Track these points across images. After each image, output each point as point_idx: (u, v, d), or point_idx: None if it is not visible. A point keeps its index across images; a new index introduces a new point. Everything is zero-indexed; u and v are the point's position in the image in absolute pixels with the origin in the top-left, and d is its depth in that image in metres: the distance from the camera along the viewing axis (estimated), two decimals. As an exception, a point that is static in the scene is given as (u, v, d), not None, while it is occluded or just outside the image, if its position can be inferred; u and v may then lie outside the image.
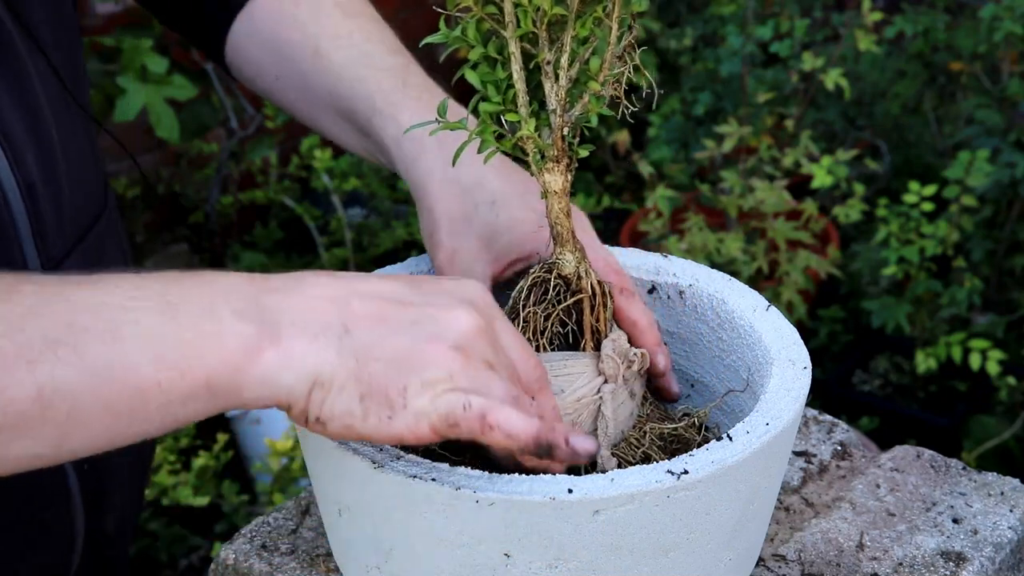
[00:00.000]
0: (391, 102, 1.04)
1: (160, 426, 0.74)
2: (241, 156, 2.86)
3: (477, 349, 0.78)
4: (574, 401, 0.88)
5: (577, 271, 0.88)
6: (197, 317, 0.74)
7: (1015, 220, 2.79)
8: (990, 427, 2.63)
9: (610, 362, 0.89)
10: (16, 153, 0.96)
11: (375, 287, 0.79)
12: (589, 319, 0.89)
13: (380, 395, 0.76)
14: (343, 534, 0.90)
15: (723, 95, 2.93)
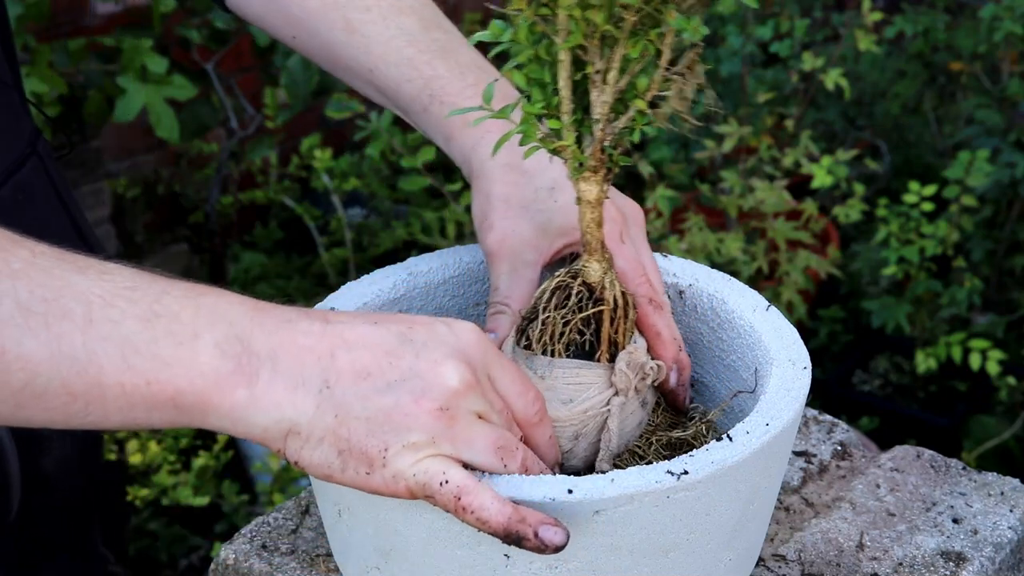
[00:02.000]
0: (450, 91, 1.02)
1: (121, 423, 0.74)
2: (241, 156, 2.86)
3: (465, 405, 0.78)
4: (580, 412, 0.88)
5: (602, 281, 0.88)
6: (178, 337, 0.73)
7: (1015, 220, 2.79)
8: (990, 427, 2.63)
9: (623, 376, 0.88)
10: None
11: (364, 337, 0.77)
12: (608, 331, 0.88)
13: (359, 452, 0.76)
14: (343, 534, 0.90)
15: (723, 95, 2.93)
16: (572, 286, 0.88)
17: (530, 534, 0.77)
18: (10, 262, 0.71)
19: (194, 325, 0.74)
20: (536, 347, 0.88)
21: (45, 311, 0.70)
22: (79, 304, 0.71)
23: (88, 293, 0.72)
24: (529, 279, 0.96)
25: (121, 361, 0.72)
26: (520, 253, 0.96)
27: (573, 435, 0.88)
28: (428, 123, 1.04)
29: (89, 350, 0.71)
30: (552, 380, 0.87)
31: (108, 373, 0.72)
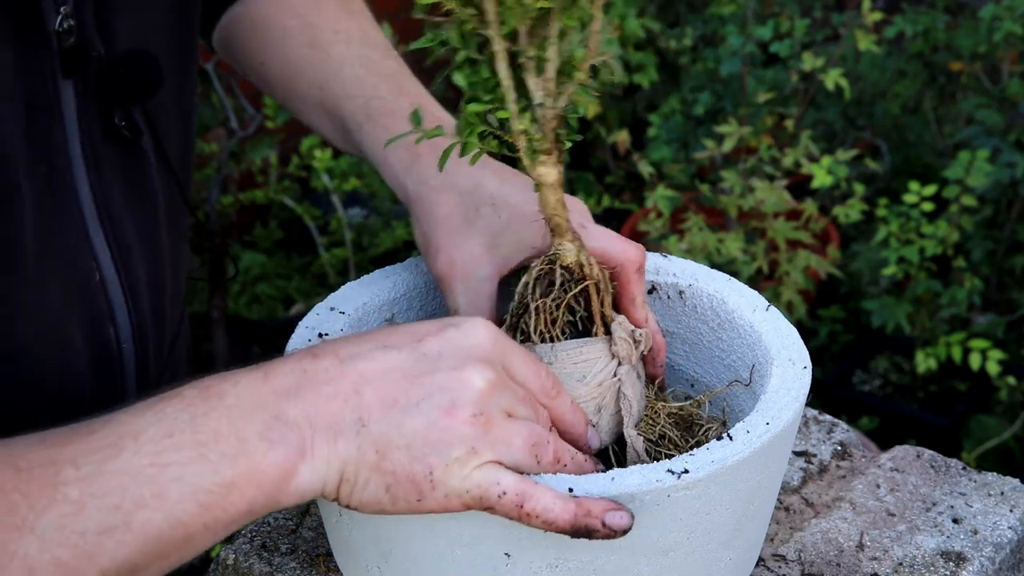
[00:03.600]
0: (387, 111, 1.03)
1: (203, 550, 0.77)
2: (241, 156, 2.86)
3: (494, 404, 0.78)
4: (596, 386, 0.89)
5: (579, 259, 0.89)
6: (231, 455, 0.74)
7: (1015, 220, 2.79)
8: (990, 427, 2.63)
9: (624, 344, 0.90)
10: (135, 298, 0.96)
11: (381, 364, 0.78)
12: (597, 305, 0.89)
13: (406, 482, 0.76)
14: (343, 534, 0.90)
15: (723, 95, 2.93)
16: (553, 271, 0.89)
17: (598, 525, 0.77)
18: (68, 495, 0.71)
19: (235, 431, 0.74)
20: (535, 337, 0.89)
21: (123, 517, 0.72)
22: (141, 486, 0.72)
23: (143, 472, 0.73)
24: (487, 295, 0.95)
25: (200, 509, 0.73)
26: (472, 271, 0.96)
27: (596, 408, 0.89)
28: (363, 143, 1.05)
29: (172, 519, 0.73)
30: (560, 364, 0.88)
31: (193, 526, 0.73)
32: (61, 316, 0.89)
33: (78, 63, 0.88)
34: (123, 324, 0.95)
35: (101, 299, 0.93)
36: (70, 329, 0.91)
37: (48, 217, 0.87)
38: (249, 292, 3.03)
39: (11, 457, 0.72)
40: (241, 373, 0.77)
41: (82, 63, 0.89)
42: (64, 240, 0.89)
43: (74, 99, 0.89)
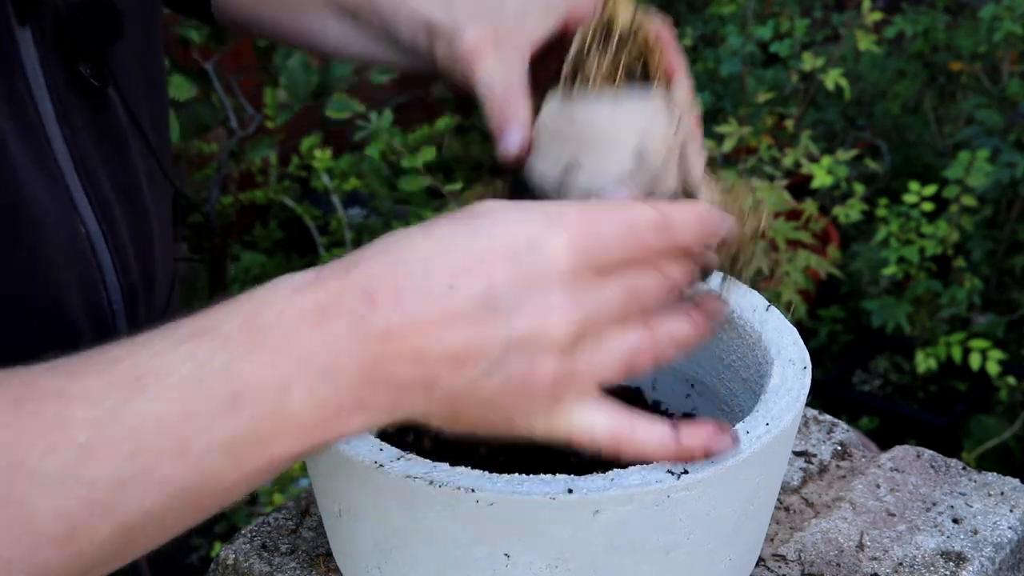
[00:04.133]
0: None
1: (246, 494, 0.70)
2: (241, 156, 2.86)
3: (581, 349, 0.71)
4: (664, 127, 0.84)
5: (635, 16, 0.85)
6: (269, 409, 0.66)
7: (1015, 220, 2.79)
8: (990, 427, 2.63)
9: (684, 97, 0.86)
10: (123, 258, 0.93)
11: (447, 314, 0.68)
12: (656, 61, 0.85)
13: (487, 430, 0.72)
14: (343, 534, 0.90)
15: (723, 95, 2.93)
16: (611, 27, 0.85)
17: (700, 455, 0.78)
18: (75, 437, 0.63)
19: (279, 382, 0.66)
20: (596, 88, 0.84)
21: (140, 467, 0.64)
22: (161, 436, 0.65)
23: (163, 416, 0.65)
24: (522, 69, 0.88)
25: (231, 462, 0.66)
26: (503, 41, 0.89)
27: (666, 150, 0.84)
28: (376, 12, 0.99)
29: (200, 472, 0.65)
30: (628, 104, 0.83)
31: (226, 478, 0.66)
32: (61, 282, 0.87)
33: (31, 9, 0.86)
34: (112, 286, 0.92)
35: (91, 258, 0.90)
36: (71, 296, 0.88)
37: (30, 172, 0.85)
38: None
39: (12, 387, 0.65)
40: (288, 303, 0.69)
41: (36, 9, 0.86)
42: (50, 195, 0.86)
43: (34, 48, 0.87)
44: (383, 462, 0.82)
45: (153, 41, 1.03)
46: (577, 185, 0.83)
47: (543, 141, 0.86)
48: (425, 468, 0.82)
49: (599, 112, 0.84)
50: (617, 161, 0.83)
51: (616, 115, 0.84)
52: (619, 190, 0.81)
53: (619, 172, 0.83)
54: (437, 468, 0.82)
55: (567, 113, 0.85)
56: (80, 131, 0.91)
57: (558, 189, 0.84)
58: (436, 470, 0.81)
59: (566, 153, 0.85)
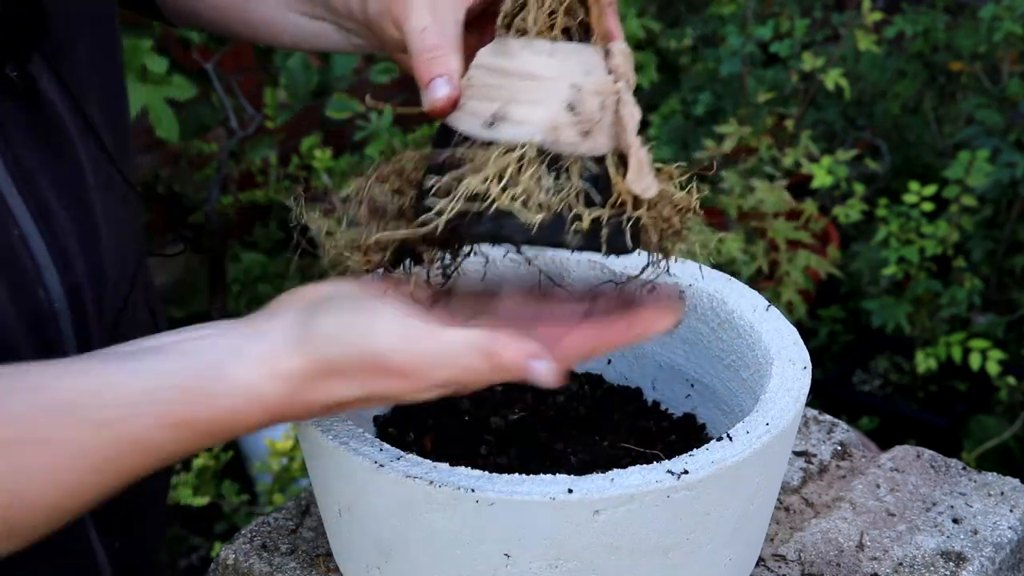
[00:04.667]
0: None
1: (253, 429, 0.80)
2: (241, 156, 2.86)
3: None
4: (598, 81, 0.83)
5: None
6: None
7: (1015, 220, 2.79)
8: (990, 427, 2.63)
9: (622, 58, 0.84)
10: (64, 256, 0.93)
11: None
12: (596, 14, 0.84)
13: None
14: (343, 534, 0.90)
15: (723, 95, 2.93)
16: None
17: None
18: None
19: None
20: (532, 33, 0.83)
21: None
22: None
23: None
24: (456, 18, 0.88)
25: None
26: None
27: (600, 104, 0.82)
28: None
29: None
30: (563, 54, 0.82)
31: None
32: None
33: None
34: (53, 284, 0.92)
35: (24, 257, 0.90)
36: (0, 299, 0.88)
37: None
38: (249, 292, 3.03)
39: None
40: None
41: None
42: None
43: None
44: (383, 462, 0.82)
45: (105, 30, 1.02)
46: (503, 134, 0.81)
47: (473, 87, 0.84)
48: (425, 468, 0.82)
49: (532, 60, 0.82)
50: (547, 109, 0.81)
51: (550, 62, 0.82)
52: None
53: (546, 120, 0.80)
54: (437, 468, 0.82)
55: (501, 59, 0.83)
56: (13, 132, 0.90)
57: (483, 139, 0.82)
58: (436, 470, 0.81)
59: (497, 100, 0.82)
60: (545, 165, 0.80)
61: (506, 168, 0.79)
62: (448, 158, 0.82)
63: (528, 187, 0.79)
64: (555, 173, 0.80)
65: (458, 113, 0.84)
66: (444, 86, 0.85)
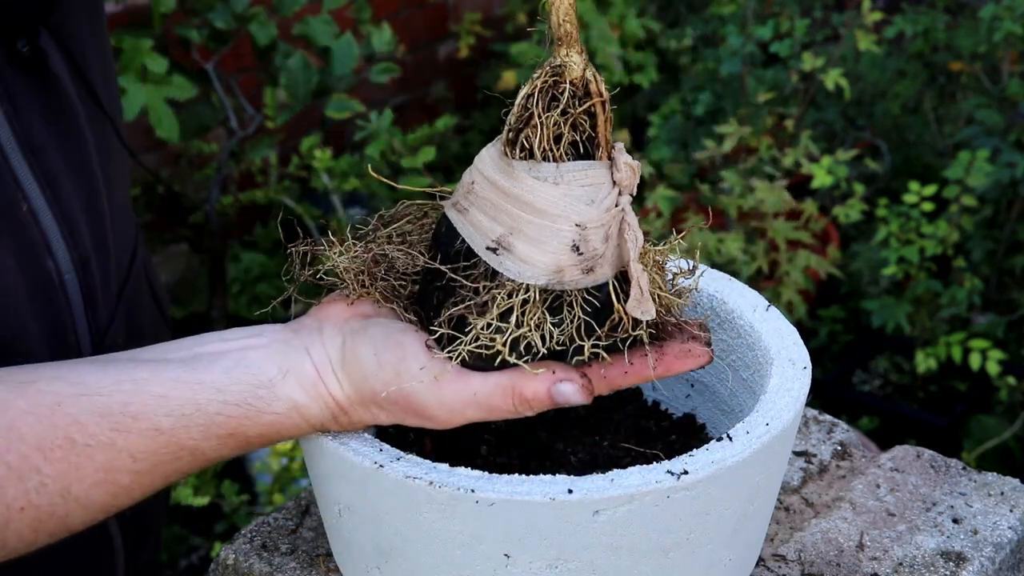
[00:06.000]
0: None
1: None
2: (241, 156, 2.86)
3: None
4: (604, 211, 0.83)
5: (585, 74, 0.82)
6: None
7: (1015, 220, 2.78)
8: (990, 427, 2.63)
9: (627, 171, 0.84)
10: (72, 228, 0.96)
11: None
12: (603, 127, 0.83)
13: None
14: (343, 534, 0.90)
15: (723, 95, 2.93)
16: (559, 84, 0.82)
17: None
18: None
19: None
20: (537, 154, 0.82)
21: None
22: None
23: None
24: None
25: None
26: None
27: (604, 237, 0.83)
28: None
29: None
30: (567, 185, 0.82)
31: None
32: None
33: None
34: (61, 255, 0.95)
35: (33, 229, 0.93)
36: (3, 262, 0.90)
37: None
38: (249, 292, 3.03)
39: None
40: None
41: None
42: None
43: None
44: (383, 462, 0.82)
45: (96, 12, 1.04)
46: (507, 270, 0.82)
47: (477, 196, 0.84)
48: (425, 469, 0.82)
49: (537, 188, 0.82)
50: (552, 252, 0.82)
51: (555, 193, 0.82)
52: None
53: (551, 265, 0.82)
54: (437, 469, 0.82)
55: (504, 179, 0.83)
56: (24, 108, 0.92)
57: (484, 263, 0.83)
58: (436, 471, 0.81)
59: (500, 223, 0.83)
60: (546, 306, 0.82)
61: (509, 313, 0.82)
62: (452, 277, 0.84)
63: (530, 334, 0.82)
64: (556, 311, 0.83)
65: (460, 216, 0.86)
66: None
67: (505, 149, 0.84)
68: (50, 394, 0.79)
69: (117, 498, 0.82)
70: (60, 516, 0.80)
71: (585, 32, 2.85)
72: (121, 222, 1.05)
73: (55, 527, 0.81)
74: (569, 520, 0.79)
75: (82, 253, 0.97)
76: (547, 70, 0.83)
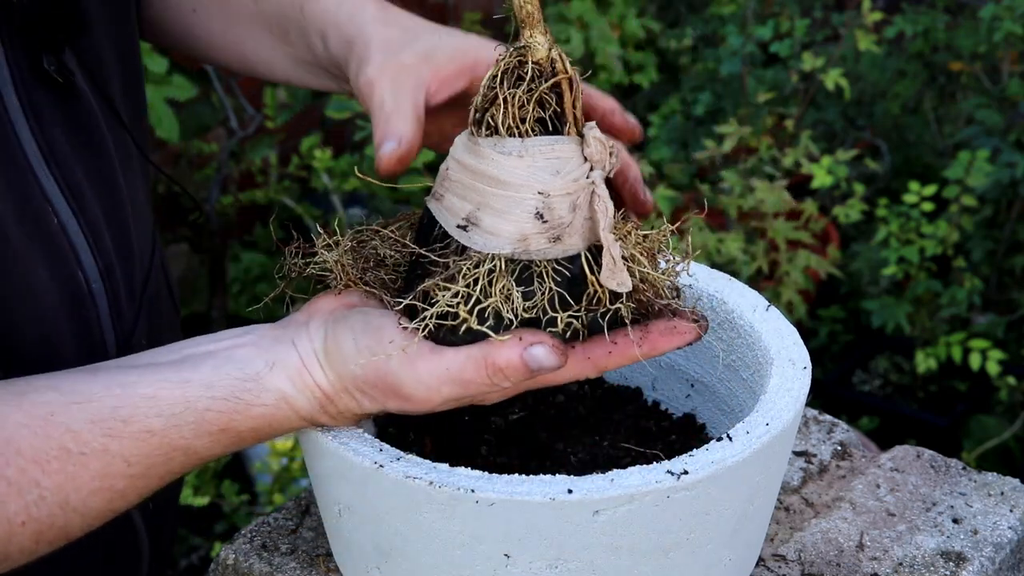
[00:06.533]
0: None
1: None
2: (241, 156, 2.86)
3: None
4: (571, 182, 0.84)
5: (550, 54, 0.83)
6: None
7: (1015, 220, 2.78)
8: (990, 427, 2.63)
9: (597, 145, 0.84)
10: (97, 238, 0.97)
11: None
12: (570, 102, 0.84)
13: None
14: (343, 534, 0.90)
15: (723, 95, 2.93)
16: (523, 65, 0.83)
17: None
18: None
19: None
20: (502, 131, 0.83)
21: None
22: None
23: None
24: (414, 99, 0.94)
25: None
26: (399, 76, 0.95)
27: (570, 207, 0.83)
28: (307, 21, 1.04)
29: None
30: (531, 157, 0.83)
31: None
32: (26, 262, 0.90)
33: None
34: (89, 265, 0.96)
35: (62, 240, 0.94)
36: (38, 274, 0.91)
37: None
38: (249, 292, 3.03)
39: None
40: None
41: (2, 11, 0.89)
42: (14, 187, 0.89)
43: (0, 48, 0.89)
44: (383, 462, 0.82)
45: (124, 25, 1.05)
46: (475, 243, 0.83)
47: (451, 181, 0.86)
48: (425, 468, 0.82)
49: (502, 162, 0.83)
50: (515, 221, 0.82)
51: (519, 165, 0.83)
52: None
53: (515, 233, 0.82)
54: (437, 468, 0.82)
55: (472, 158, 0.84)
56: (49, 123, 0.93)
57: (455, 241, 0.84)
58: (436, 471, 0.81)
59: (469, 201, 0.84)
60: (514, 276, 0.82)
61: (476, 282, 0.82)
62: (427, 256, 0.86)
63: (496, 303, 0.82)
64: (526, 281, 0.82)
65: (438, 204, 0.87)
66: (390, 144, 0.91)
67: (472, 129, 0.85)
68: (43, 404, 0.80)
69: (113, 503, 0.82)
70: (60, 526, 0.80)
71: (585, 32, 2.85)
72: (141, 225, 1.06)
73: (55, 537, 0.81)
74: (569, 520, 0.79)
75: (107, 261, 0.98)
76: (511, 52, 0.84)
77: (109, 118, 1.00)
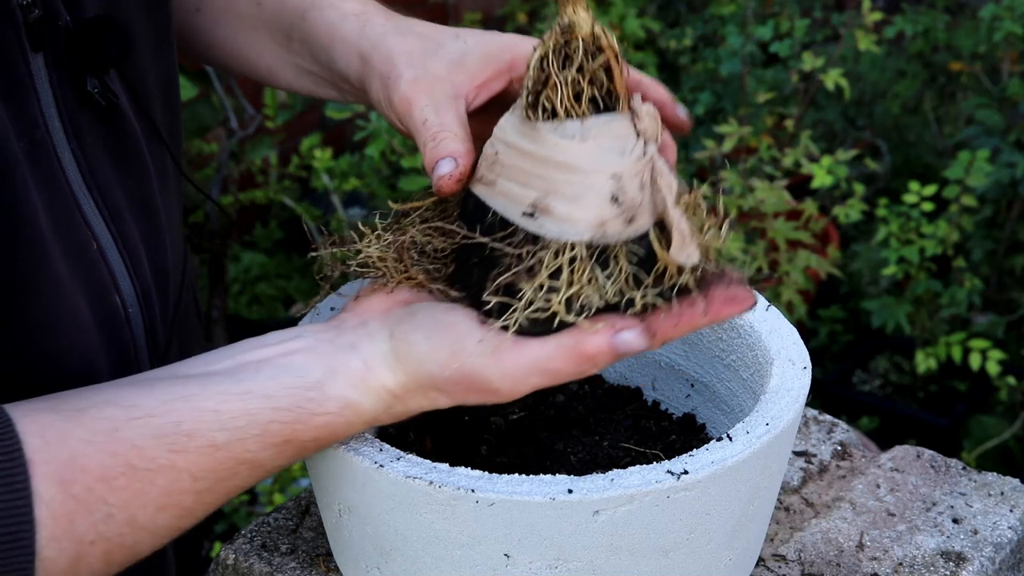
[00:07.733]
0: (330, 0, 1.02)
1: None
2: (241, 156, 2.86)
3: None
4: (636, 161, 0.82)
5: (593, 29, 0.82)
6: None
7: (1015, 220, 2.79)
8: (990, 427, 2.63)
9: (649, 119, 0.84)
10: (135, 262, 0.95)
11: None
12: (621, 77, 0.83)
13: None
14: (343, 534, 0.90)
15: (723, 95, 2.93)
16: (570, 43, 0.82)
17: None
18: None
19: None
20: (560, 112, 0.82)
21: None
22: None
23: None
24: (456, 111, 0.92)
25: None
26: (435, 89, 0.93)
27: (640, 186, 0.83)
28: (309, 31, 1.03)
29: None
30: (595, 139, 0.82)
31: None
32: (67, 288, 0.88)
33: (46, 35, 0.87)
34: (127, 290, 0.95)
35: (102, 267, 0.93)
36: (77, 300, 0.90)
37: (39, 191, 0.86)
38: (249, 292, 3.03)
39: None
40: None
41: (50, 35, 0.88)
42: (56, 211, 0.88)
43: (45, 71, 0.88)
44: (383, 462, 0.82)
45: (164, 43, 1.04)
46: (549, 231, 0.81)
47: (503, 165, 0.84)
48: (425, 469, 0.82)
49: (566, 147, 0.82)
50: (591, 207, 0.81)
51: (585, 149, 0.82)
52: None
53: (593, 219, 0.81)
54: (437, 468, 0.82)
55: (528, 143, 0.83)
56: (91, 147, 0.92)
57: (523, 230, 0.82)
58: (436, 470, 0.81)
59: (532, 187, 0.82)
60: (596, 261, 0.81)
61: (559, 272, 0.81)
62: (487, 245, 0.84)
63: (584, 290, 0.81)
64: (603, 265, 0.82)
65: (488, 189, 0.85)
66: (448, 164, 0.88)
67: (527, 113, 0.84)
68: (104, 420, 0.78)
69: (182, 520, 0.81)
70: (129, 545, 0.79)
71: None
72: (175, 244, 1.05)
73: (125, 557, 0.79)
74: (569, 520, 0.79)
75: (144, 285, 0.97)
76: (557, 30, 0.83)
77: (150, 137, 0.99)
